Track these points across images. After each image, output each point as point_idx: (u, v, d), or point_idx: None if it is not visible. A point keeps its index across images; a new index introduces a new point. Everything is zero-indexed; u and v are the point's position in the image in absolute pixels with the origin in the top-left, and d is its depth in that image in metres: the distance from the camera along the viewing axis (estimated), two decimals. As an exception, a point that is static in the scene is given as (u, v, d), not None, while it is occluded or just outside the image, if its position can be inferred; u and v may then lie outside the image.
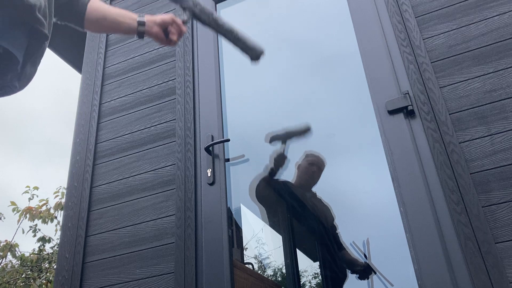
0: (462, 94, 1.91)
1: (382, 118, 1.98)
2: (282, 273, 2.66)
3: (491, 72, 1.91)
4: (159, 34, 1.51)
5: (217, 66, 2.53)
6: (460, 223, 1.67)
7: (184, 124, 2.42)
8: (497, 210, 1.66)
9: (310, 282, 2.65)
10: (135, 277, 2.15)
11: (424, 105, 1.93)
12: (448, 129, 1.85)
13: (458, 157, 1.78)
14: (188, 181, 2.24)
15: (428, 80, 1.98)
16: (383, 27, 2.20)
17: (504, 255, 1.59)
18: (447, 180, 1.75)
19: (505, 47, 1.93)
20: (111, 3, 3.16)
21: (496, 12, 2.02)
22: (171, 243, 2.15)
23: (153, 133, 2.51)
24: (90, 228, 2.38)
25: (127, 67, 2.84)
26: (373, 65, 2.12)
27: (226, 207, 2.13)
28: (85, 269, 2.27)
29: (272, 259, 2.71)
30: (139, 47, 2.87)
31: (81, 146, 2.64)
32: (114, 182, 2.46)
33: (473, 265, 1.60)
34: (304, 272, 2.59)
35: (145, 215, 2.29)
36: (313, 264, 2.66)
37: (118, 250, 2.26)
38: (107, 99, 2.77)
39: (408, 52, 2.07)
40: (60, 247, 2.41)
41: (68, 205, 2.49)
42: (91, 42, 3.04)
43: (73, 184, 2.54)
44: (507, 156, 1.73)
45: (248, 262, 2.63)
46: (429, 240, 1.69)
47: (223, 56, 2.58)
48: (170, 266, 2.10)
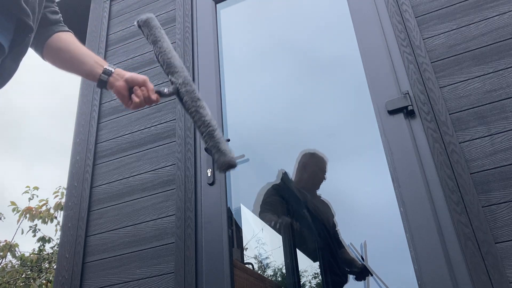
0: (462, 94, 1.91)
1: (382, 118, 1.98)
2: (282, 273, 2.66)
3: (491, 72, 1.91)
4: (122, 90, 1.29)
5: (217, 66, 2.53)
6: (460, 223, 1.67)
7: (184, 124, 2.42)
8: (497, 210, 1.66)
9: (310, 282, 2.65)
10: (135, 277, 2.15)
11: (424, 105, 1.93)
12: (448, 129, 1.85)
13: (458, 157, 1.78)
14: (188, 181, 2.24)
15: (428, 80, 1.98)
16: (383, 27, 2.20)
17: (504, 255, 1.59)
18: (447, 180, 1.75)
19: (505, 47, 1.93)
20: (111, 3, 3.16)
21: (496, 12, 2.02)
22: (171, 243, 2.15)
23: (153, 133, 2.51)
24: (90, 228, 2.38)
25: (127, 67, 2.83)
26: (373, 65, 2.12)
27: (226, 207, 2.14)
28: (85, 269, 2.27)
29: (272, 259, 2.70)
30: (139, 47, 2.87)
31: (81, 146, 2.64)
32: (114, 182, 2.46)
33: (473, 265, 1.60)
34: (304, 272, 2.59)
35: (145, 215, 2.29)
36: (313, 264, 2.66)
37: (118, 250, 2.26)
38: (107, 99, 2.77)
39: (408, 52, 2.07)
40: (60, 247, 2.41)
41: (68, 205, 2.49)
42: (91, 42, 3.04)
43: (73, 184, 2.54)
44: (507, 156, 1.73)
45: (248, 262, 2.63)
46: (429, 240, 1.69)
47: (223, 56, 2.58)
48: (170, 266, 2.10)
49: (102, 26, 3.07)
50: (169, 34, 2.81)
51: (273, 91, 2.80)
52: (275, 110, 2.75)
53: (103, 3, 3.18)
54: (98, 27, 3.08)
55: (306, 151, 2.72)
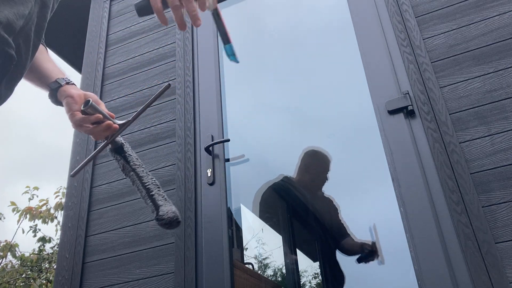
0: (462, 94, 1.91)
1: (382, 118, 1.98)
2: (282, 273, 2.66)
3: (491, 72, 1.91)
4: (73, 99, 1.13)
5: (217, 66, 2.53)
6: (460, 223, 1.67)
7: (184, 124, 2.42)
8: (497, 210, 1.66)
9: (310, 282, 2.65)
10: (135, 277, 2.15)
11: (424, 105, 1.93)
12: (448, 129, 1.85)
13: (458, 157, 1.78)
14: (188, 181, 2.24)
15: (428, 80, 1.98)
16: (383, 27, 2.20)
17: (504, 255, 1.59)
18: (447, 180, 1.75)
19: (505, 47, 1.93)
20: (111, 3, 3.16)
21: (496, 12, 2.02)
22: (171, 243, 2.15)
23: (153, 133, 2.51)
24: (90, 228, 2.38)
25: (127, 67, 2.83)
26: (373, 65, 2.12)
27: (226, 207, 2.13)
28: (85, 269, 2.27)
29: (272, 259, 2.70)
30: (139, 47, 2.87)
31: (81, 146, 2.64)
32: (114, 182, 2.46)
33: (473, 265, 1.59)
34: (304, 272, 2.59)
35: (145, 215, 2.28)
36: (313, 264, 2.66)
37: (118, 250, 2.26)
38: (107, 99, 2.77)
39: (408, 52, 2.07)
40: (60, 247, 2.41)
41: (68, 205, 2.49)
42: (91, 42, 3.04)
43: (73, 184, 2.54)
44: (507, 156, 1.73)
45: (248, 262, 2.62)
46: (429, 240, 1.69)
47: (223, 56, 2.58)
48: (170, 266, 2.10)
49: (102, 26, 3.07)
50: (169, 34, 2.81)
51: (273, 91, 2.80)
52: (275, 110, 2.75)
53: (103, 3, 3.18)
54: (98, 27, 3.08)
55: (310, 149, 2.69)
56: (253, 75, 2.79)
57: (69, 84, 1.18)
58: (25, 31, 0.96)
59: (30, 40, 0.99)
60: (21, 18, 0.94)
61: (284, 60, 2.83)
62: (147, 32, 2.91)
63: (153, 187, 1.13)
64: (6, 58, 0.92)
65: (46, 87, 1.20)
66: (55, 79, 1.18)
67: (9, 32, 0.91)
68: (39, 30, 1.03)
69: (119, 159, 1.17)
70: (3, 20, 0.88)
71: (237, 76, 2.71)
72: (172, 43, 2.76)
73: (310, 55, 2.78)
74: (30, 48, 1.01)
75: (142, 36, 2.91)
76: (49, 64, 1.23)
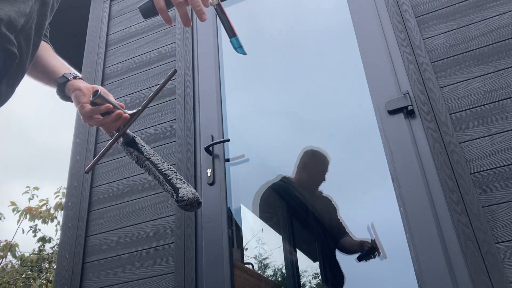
0: (462, 94, 1.91)
1: (382, 118, 1.98)
2: (282, 273, 2.66)
3: (491, 72, 1.91)
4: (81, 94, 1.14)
5: (217, 66, 2.53)
6: (460, 223, 1.67)
7: (184, 124, 2.42)
8: (497, 210, 1.66)
9: (310, 282, 2.65)
10: (135, 277, 2.15)
11: (424, 105, 1.93)
12: (448, 129, 1.85)
13: (458, 157, 1.78)
14: (188, 181, 2.24)
15: (428, 80, 1.98)
16: (383, 27, 2.20)
17: (504, 255, 1.59)
18: (447, 180, 1.75)
19: (505, 47, 1.93)
20: (111, 3, 3.16)
21: (496, 12, 2.02)
22: (171, 243, 2.15)
23: (153, 133, 2.51)
24: (90, 228, 2.38)
25: (127, 67, 2.83)
26: (373, 65, 2.12)
27: (226, 207, 2.13)
28: (85, 269, 2.27)
29: (272, 259, 2.70)
30: (139, 47, 2.87)
31: (81, 146, 2.64)
32: (114, 182, 2.46)
33: (473, 265, 1.59)
34: (304, 272, 2.59)
35: (145, 215, 2.28)
36: (313, 264, 2.66)
37: (118, 250, 2.26)
38: (107, 99, 2.76)
39: (408, 52, 2.07)
40: (60, 247, 2.41)
41: (68, 205, 2.49)
42: (91, 42, 3.04)
43: (73, 184, 2.54)
44: (507, 156, 1.73)
45: (248, 262, 2.62)
46: (429, 240, 1.69)
47: (223, 56, 2.58)
48: (170, 266, 2.10)
49: (102, 26, 3.07)
50: (169, 34, 2.81)
51: (273, 90, 2.80)
52: (275, 110, 2.75)
53: (103, 3, 3.18)
54: (98, 27, 3.08)
55: (309, 148, 2.70)
56: (253, 75, 2.79)
57: (76, 79, 1.19)
58: (26, 29, 0.96)
59: (30, 39, 0.99)
60: (22, 16, 0.94)
61: (284, 60, 2.83)
62: (147, 32, 2.91)
63: (170, 172, 1.12)
64: (8, 56, 0.92)
65: (53, 82, 1.20)
66: (62, 74, 1.19)
67: (11, 29, 0.91)
68: (39, 28, 1.03)
69: (132, 151, 1.16)
70: (4, 18, 0.88)
71: (237, 76, 2.71)
72: (172, 43, 2.76)
73: (310, 55, 2.78)
74: (31, 46, 1.01)
75: (142, 36, 2.91)
76: (56, 60, 1.23)
